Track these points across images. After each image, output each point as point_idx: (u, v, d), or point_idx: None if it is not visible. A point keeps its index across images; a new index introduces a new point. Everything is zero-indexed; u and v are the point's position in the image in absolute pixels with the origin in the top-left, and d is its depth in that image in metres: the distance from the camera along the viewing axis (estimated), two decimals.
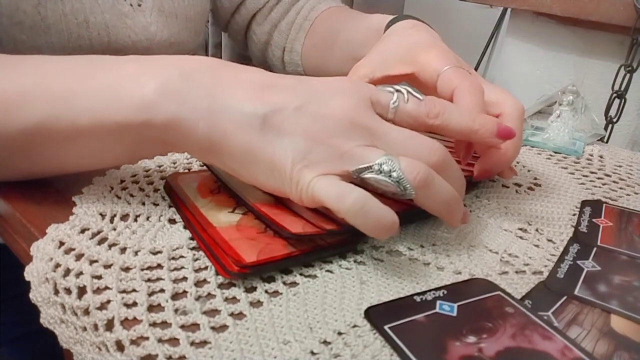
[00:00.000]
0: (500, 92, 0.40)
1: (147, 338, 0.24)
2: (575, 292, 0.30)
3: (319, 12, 0.67)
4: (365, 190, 0.29)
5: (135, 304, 0.26)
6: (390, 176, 0.29)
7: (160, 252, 0.30)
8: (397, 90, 0.33)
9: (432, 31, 0.47)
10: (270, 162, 0.30)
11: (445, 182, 0.31)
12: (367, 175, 0.30)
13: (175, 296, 0.27)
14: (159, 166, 0.42)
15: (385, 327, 0.25)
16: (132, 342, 0.24)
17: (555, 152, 0.53)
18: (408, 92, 0.33)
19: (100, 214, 0.34)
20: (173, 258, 0.30)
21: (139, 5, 0.55)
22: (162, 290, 0.27)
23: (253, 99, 0.30)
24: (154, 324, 0.25)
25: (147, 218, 0.34)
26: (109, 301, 0.26)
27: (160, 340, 0.24)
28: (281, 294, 0.28)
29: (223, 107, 0.30)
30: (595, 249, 0.35)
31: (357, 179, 0.30)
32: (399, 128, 0.32)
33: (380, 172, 0.29)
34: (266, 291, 0.28)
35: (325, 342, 0.25)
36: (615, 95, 0.78)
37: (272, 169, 0.30)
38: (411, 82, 0.42)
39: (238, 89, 0.31)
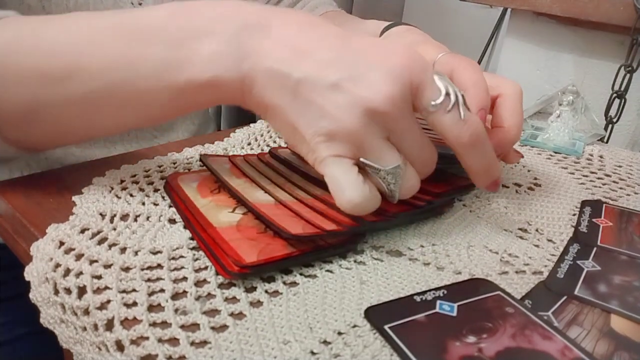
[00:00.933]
0: (497, 76, 0.41)
1: (147, 338, 0.24)
2: (575, 292, 0.30)
3: (316, 15, 0.67)
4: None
5: (135, 304, 0.26)
6: (388, 183, 0.31)
7: (160, 252, 0.30)
8: (447, 94, 0.30)
9: (425, 34, 0.49)
10: (293, 125, 0.30)
11: None
12: (371, 171, 0.31)
13: (175, 296, 0.27)
14: (159, 166, 0.42)
15: (385, 327, 0.25)
16: (132, 342, 0.24)
17: (555, 152, 0.53)
18: (456, 101, 0.30)
19: (100, 214, 0.34)
20: (173, 258, 0.30)
21: (140, 4, 0.55)
22: (162, 290, 0.27)
23: (291, 60, 0.30)
24: (154, 324, 0.25)
25: (147, 218, 0.34)
26: (109, 301, 0.26)
27: (160, 340, 0.24)
28: (281, 294, 0.28)
29: (262, 66, 0.30)
30: (595, 249, 0.35)
31: (361, 164, 0.31)
32: (421, 132, 0.31)
33: (382, 178, 0.31)
34: (266, 291, 0.28)
35: (325, 342, 0.25)
36: (615, 95, 0.78)
37: (294, 131, 0.31)
38: None
39: (278, 48, 0.30)
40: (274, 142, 0.50)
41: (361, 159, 0.30)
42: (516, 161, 0.42)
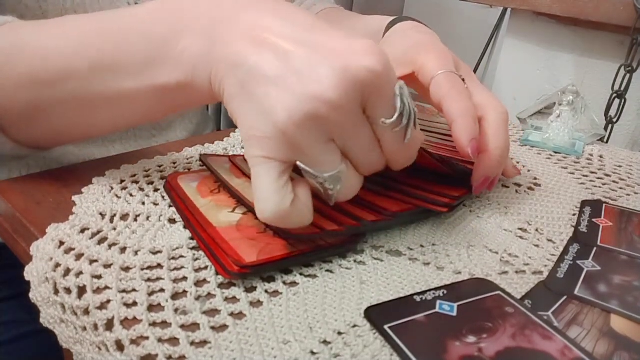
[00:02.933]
0: (484, 95, 0.39)
1: (147, 338, 0.24)
2: (575, 292, 0.30)
3: (314, 13, 0.67)
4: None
5: (135, 303, 0.26)
6: (325, 189, 0.29)
7: (160, 252, 0.30)
8: (401, 114, 0.28)
9: (432, 32, 0.46)
10: (232, 114, 0.29)
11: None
12: (307, 176, 0.28)
13: (175, 296, 0.27)
14: (159, 166, 0.42)
15: (385, 327, 0.25)
16: (132, 341, 0.24)
17: (555, 152, 0.53)
18: (407, 124, 0.29)
19: (100, 214, 0.34)
20: (173, 258, 0.30)
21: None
22: (162, 290, 0.27)
23: (247, 50, 0.28)
24: (154, 324, 0.25)
25: (147, 218, 0.34)
26: (109, 301, 0.26)
27: (160, 340, 0.24)
28: (281, 294, 0.28)
29: (222, 56, 0.29)
30: (595, 249, 0.35)
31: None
32: (370, 137, 0.29)
33: (320, 183, 0.28)
34: (266, 291, 0.28)
35: (325, 342, 0.25)
36: (615, 95, 0.78)
37: (234, 120, 0.29)
38: (411, 81, 0.42)
39: (240, 38, 0.29)
40: None
41: (297, 163, 0.27)
42: (514, 175, 0.43)
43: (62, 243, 0.30)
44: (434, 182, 0.39)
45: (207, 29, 0.30)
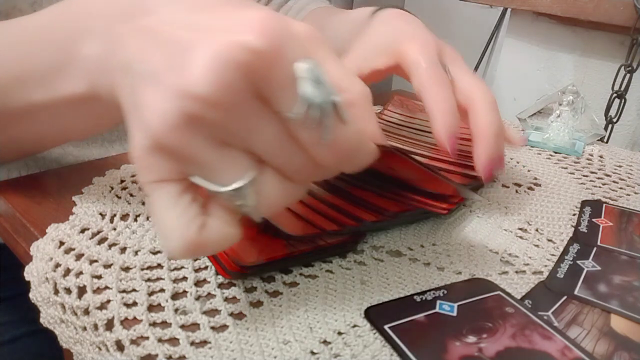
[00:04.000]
0: (471, 82, 0.37)
1: (147, 338, 0.24)
2: (575, 292, 0.30)
3: (307, 12, 0.66)
4: None
5: (135, 303, 0.26)
6: (236, 206, 0.23)
7: (160, 251, 0.30)
8: (307, 105, 0.21)
9: (416, 20, 0.43)
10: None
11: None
12: (209, 192, 0.23)
13: (175, 296, 0.27)
14: None
15: (385, 327, 0.25)
16: (132, 341, 0.24)
17: (555, 152, 0.53)
18: (322, 118, 0.21)
19: (100, 214, 0.34)
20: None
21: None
22: (162, 290, 0.27)
23: (134, 43, 0.23)
24: (154, 324, 0.25)
25: (147, 218, 0.34)
26: (109, 301, 0.26)
27: (160, 340, 0.24)
28: (281, 294, 0.28)
29: (117, 60, 0.25)
30: (595, 248, 0.35)
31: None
32: (278, 133, 0.22)
33: (226, 200, 0.22)
34: (266, 291, 0.28)
35: (325, 342, 0.25)
36: (615, 95, 0.78)
37: None
38: (398, 73, 0.40)
39: (132, 34, 0.24)
40: None
41: (192, 179, 0.22)
42: (520, 143, 0.39)
43: (62, 243, 0.30)
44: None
45: (104, 29, 0.26)
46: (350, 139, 0.22)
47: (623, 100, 0.78)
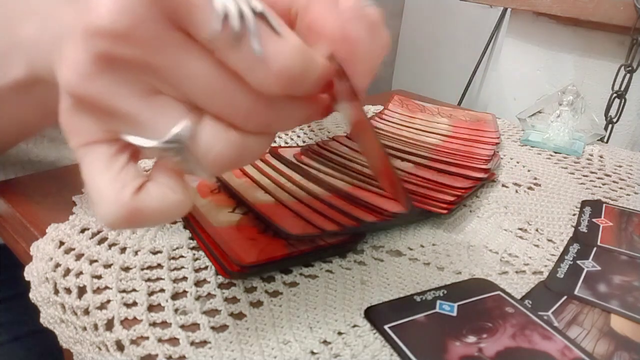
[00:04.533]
0: None
1: (147, 338, 0.24)
2: (575, 292, 0.30)
3: None
4: None
5: (135, 303, 0.26)
6: (175, 163, 0.20)
7: (160, 251, 0.30)
8: (223, 15, 0.18)
9: None
10: None
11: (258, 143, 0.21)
12: (144, 150, 0.20)
13: (175, 296, 0.27)
14: None
15: (385, 327, 0.25)
16: (132, 341, 0.24)
17: (555, 152, 0.53)
18: (246, 27, 0.18)
19: None
20: (173, 258, 0.30)
21: None
22: (162, 290, 0.27)
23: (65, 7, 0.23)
24: (154, 324, 0.25)
25: None
26: (109, 301, 0.26)
27: (160, 340, 0.24)
28: (281, 293, 0.28)
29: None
30: (595, 248, 0.35)
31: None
32: (208, 66, 0.19)
33: (163, 157, 0.20)
34: (266, 291, 0.28)
35: (325, 342, 0.25)
36: (615, 95, 0.78)
37: None
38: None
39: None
40: (274, 141, 0.50)
41: (122, 136, 0.20)
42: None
43: (62, 243, 0.30)
44: (434, 183, 0.39)
45: (47, 11, 0.25)
46: (290, 52, 0.19)
47: (623, 100, 0.78)
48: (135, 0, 0.18)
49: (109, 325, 0.25)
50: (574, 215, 0.40)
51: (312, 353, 0.24)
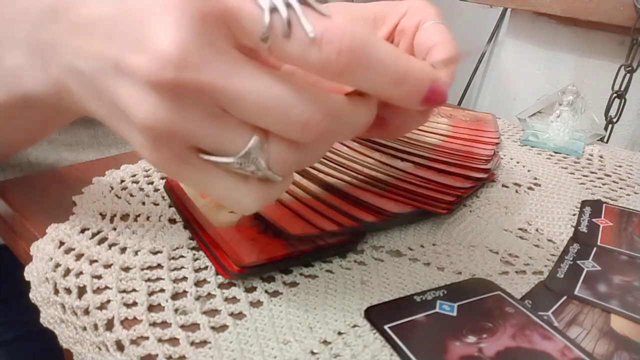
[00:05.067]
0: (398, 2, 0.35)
1: (147, 338, 0.24)
2: (575, 292, 0.30)
3: None
4: None
5: (135, 303, 0.26)
6: (251, 172, 0.22)
7: (160, 252, 0.30)
8: (274, 10, 0.19)
9: None
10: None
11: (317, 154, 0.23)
12: (222, 167, 0.22)
13: (175, 296, 0.27)
14: None
15: (385, 327, 0.25)
16: (132, 342, 0.24)
17: (555, 152, 0.53)
18: (291, 14, 0.19)
19: (100, 214, 0.34)
20: (173, 258, 0.30)
21: None
22: (162, 290, 0.27)
23: (82, 47, 0.22)
24: (154, 324, 0.25)
25: (147, 218, 0.34)
26: (109, 301, 0.26)
27: (160, 340, 0.24)
28: (281, 294, 0.28)
29: (64, 65, 0.23)
30: (595, 249, 0.35)
31: None
32: (265, 81, 0.19)
33: (240, 169, 0.22)
34: (266, 291, 0.28)
35: (325, 342, 0.25)
36: (615, 95, 0.78)
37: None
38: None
39: (73, 35, 0.22)
40: None
41: (201, 156, 0.21)
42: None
43: (62, 243, 0.30)
44: (434, 183, 0.39)
45: (31, 30, 0.24)
46: (342, 26, 0.19)
47: (623, 100, 0.78)
48: (189, 26, 0.18)
49: (109, 325, 0.25)
50: (574, 215, 0.40)
51: (312, 353, 0.24)
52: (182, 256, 0.30)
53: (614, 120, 0.79)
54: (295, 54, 0.19)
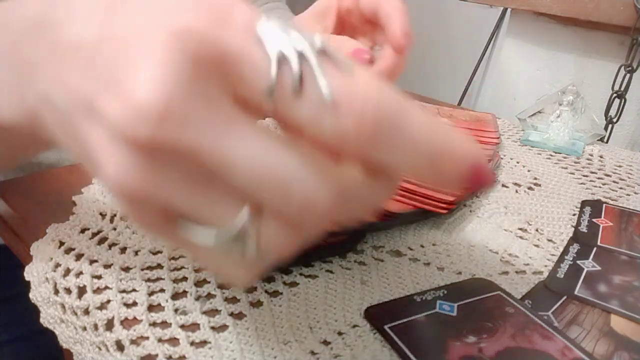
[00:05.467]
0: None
1: (147, 338, 0.24)
2: (575, 292, 0.30)
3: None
4: None
5: (135, 303, 0.26)
6: (236, 254, 0.17)
7: (160, 252, 0.30)
8: (283, 58, 0.15)
9: None
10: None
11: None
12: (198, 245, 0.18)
13: (175, 296, 0.27)
14: None
15: (385, 327, 0.25)
16: (132, 342, 0.24)
17: (555, 152, 0.53)
18: (303, 65, 0.15)
19: (100, 214, 0.34)
20: (173, 258, 0.30)
21: None
22: (162, 290, 0.27)
23: (56, 73, 0.18)
24: (154, 324, 0.25)
25: None
26: (109, 301, 0.26)
27: (160, 340, 0.24)
28: (281, 294, 0.28)
29: (37, 91, 0.19)
30: (595, 248, 0.35)
31: None
32: (261, 145, 0.16)
33: (223, 251, 0.17)
34: (266, 291, 0.28)
35: (326, 342, 0.25)
36: (615, 95, 0.78)
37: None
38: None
39: (52, 58, 0.19)
40: None
41: (181, 230, 0.17)
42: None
43: (62, 243, 0.30)
44: None
45: (10, 45, 0.21)
46: (365, 88, 0.15)
47: (623, 100, 0.78)
48: (177, 71, 0.15)
49: (109, 325, 0.25)
50: (574, 215, 0.39)
51: (312, 353, 0.24)
52: (182, 256, 0.30)
53: (614, 120, 0.79)
54: (306, 117, 0.16)
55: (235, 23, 0.16)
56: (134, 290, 0.27)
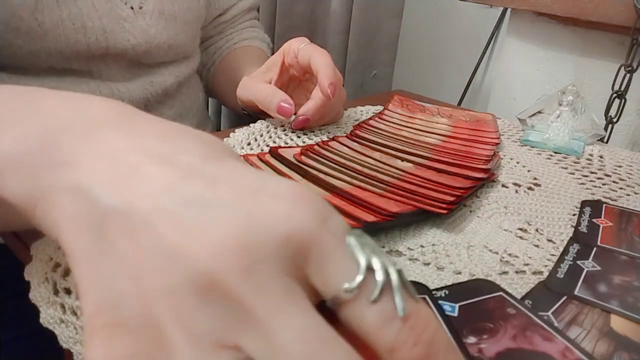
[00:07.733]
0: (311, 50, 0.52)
1: None
2: (575, 292, 0.30)
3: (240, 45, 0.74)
4: None
5: None
6: None
7: None
8: (369, 269, 0.17)
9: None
10: (79, 284, 0.18)
11: None
12: None
13: None
14: None
15: None
16: None
17: (555, 152, 0.53)
18: (388, 282, 0.17)
19: None
20: None
21: (140, 8, 0.55)
22: None
23: (113, 181, 0.18)
24: None
25: None
26: None
27: None
28: None
29: (71, 184, 0.19)
30: (595, 249, 0.35)
31: None
32: (309, 327, 0.16)
33: None
34: None
35: None
36: (615, 95, 0.78)
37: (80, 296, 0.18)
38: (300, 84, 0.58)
39: (100, 157, 0.19)
40: (274, 142, 0.50)
41: None
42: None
43: None
44: (434, 183, 0.39)
45: (42, 128, 0.21)
46: (430, 321, 0.17)
47: (623, 100, 0.78)
48: (260, 243, 0.16)
49: None
50: (574, 215, 0.39)
51: None
52: None
53: (614, 120, 0.79)
54: (372, 322, 0.17)
55: (333, 225, 0.18)
56: None
